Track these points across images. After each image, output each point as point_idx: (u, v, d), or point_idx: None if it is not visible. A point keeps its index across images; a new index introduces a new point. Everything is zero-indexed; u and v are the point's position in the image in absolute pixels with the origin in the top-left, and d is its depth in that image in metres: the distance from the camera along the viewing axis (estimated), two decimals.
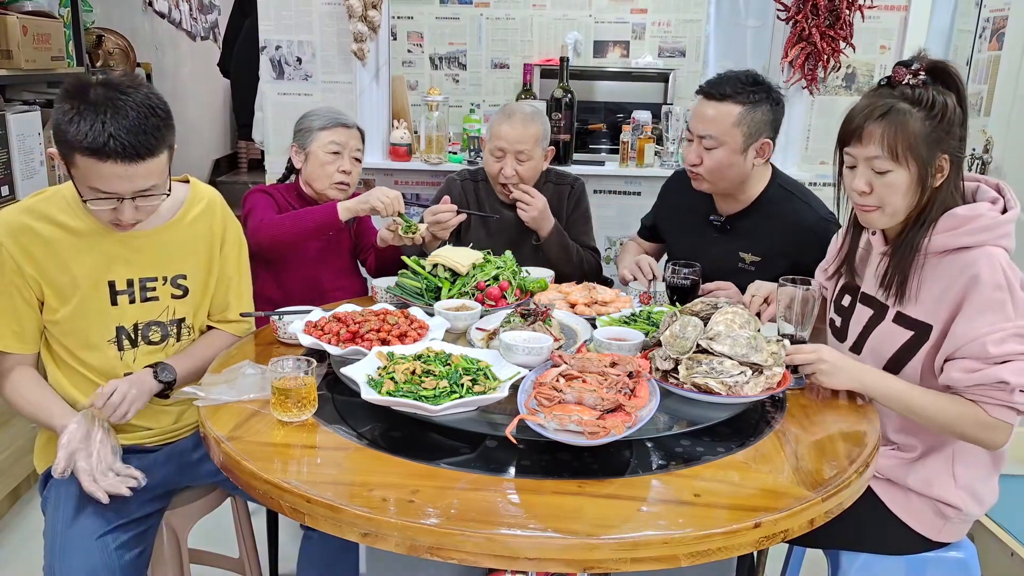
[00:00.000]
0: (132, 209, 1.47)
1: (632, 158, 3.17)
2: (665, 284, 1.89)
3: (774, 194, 2.04)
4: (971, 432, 1.42)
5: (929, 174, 1.44)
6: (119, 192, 1.43)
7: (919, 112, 1.42)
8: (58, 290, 1.55)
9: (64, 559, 1.44)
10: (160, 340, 1.66)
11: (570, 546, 1.04)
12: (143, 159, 1.41)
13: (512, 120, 2.31)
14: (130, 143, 1.38)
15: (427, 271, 1.94)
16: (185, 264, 1.67)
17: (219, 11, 6.25)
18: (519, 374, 1.40)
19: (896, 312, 1.52)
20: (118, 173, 1.40)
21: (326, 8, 3.03)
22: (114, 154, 1.38)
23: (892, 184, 1.45)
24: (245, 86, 4.12)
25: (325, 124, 2.20)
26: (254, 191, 2.24)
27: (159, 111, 1.44)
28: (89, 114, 1.37)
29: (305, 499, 1.12)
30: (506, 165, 2.32)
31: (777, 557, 1.88)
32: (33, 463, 1.72)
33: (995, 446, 1.44)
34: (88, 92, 1.39)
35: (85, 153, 1.38)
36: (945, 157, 1.44)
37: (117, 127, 1.37)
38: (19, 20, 2.77)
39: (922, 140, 1.42)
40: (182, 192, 1.68)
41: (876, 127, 1.43)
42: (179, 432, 1.73)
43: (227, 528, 1.86)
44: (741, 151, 1.94)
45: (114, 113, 1.38)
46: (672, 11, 4.51)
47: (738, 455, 1.27)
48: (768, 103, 1.94)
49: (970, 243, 1.42)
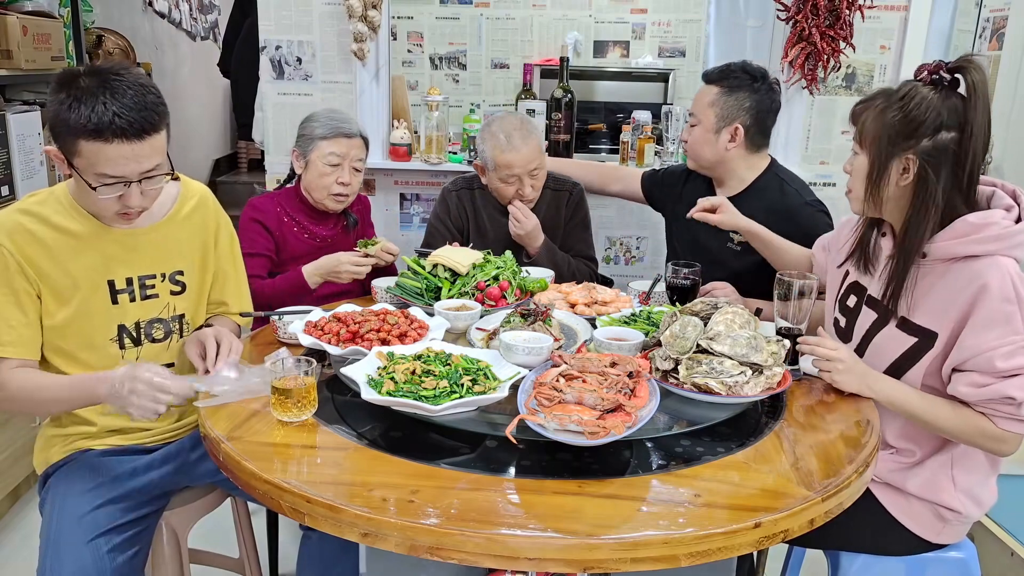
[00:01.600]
0: (139, 194, 1.47)
1: (632, 158, 3.17)
2: (665, 284, 1.89)
3: (767, 181, 2.15)
4: (979, 442, 1.44)
5: (882, 169, 1.45)
6: (126, 175, 1.43)
7: (897, 105, 1.43)
8: (57, 293, 1.54)
9: (56, 562, 1.44)
10: (164, 337, 1.66)
11: (570, 546, 1.04)
12: (148, 134, 1.42)
13: (513, 145, 2.24)
14: (135, 119, 1.39)
15: (427, 271, 1.94)
16: (182, 260, 1.67)
17: (219, 11, 6.25)
18: (519, 374, 1.40)
19: (900, 318, 1.50)
20: (124, 153, 1.41)
21: (326, 8, 3.03)
22: (120, 132, 1.38)
23: (856, 167, 1.51)
24: (245, 86, 4.12)
25: (326, 133, 2.15)
26: (248, 218, 2.17)
27: (153, 89, 1.45)
28: (88, 98, 1.37)
29: (305, 499, 1.12)
30: (523, 186, 2.29)
31: (777, 557, 1.88)
32: (33, 464, 1.72)
33: (1004, 455, 1.46)
34: (80, 81, 1.40)
35: (90, 137, 1.38)
36: (911, 159, 1.43)
37: (119, 105, 1.38)
38: (19, 20, 2.77)
39: (884, 133, 1.44)
40: (174, 189, 1.69)
41: (861, 108, 1.50)
42: (179, 432, 1.73)
43: (227, 528, 1.86)
44: (714, 131, 2.11)
45: (112, 93, 1.38)
46: (672, 11, 4.51)
47: (738, 455, 1.27)
48: (747, 91, 2.08)
49: (979, 252, 1.40)
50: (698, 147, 2.15)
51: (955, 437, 1.46)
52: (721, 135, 2.10)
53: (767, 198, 2.10)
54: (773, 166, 2.17)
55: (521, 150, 2.25)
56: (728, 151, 2.11)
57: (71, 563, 1.43)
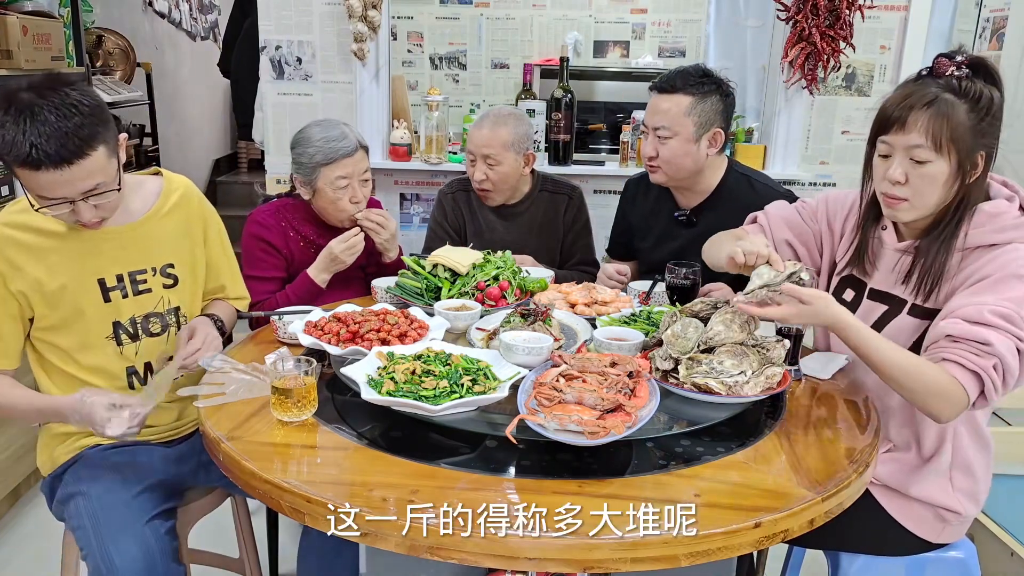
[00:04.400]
0: (89, 209, 1.45)
1: (632, 158, 3.17)
2: (665, 284, 1.89)
3: (732, 181, 2.11)
4: (923, 389, 1.34)
5: (967, 169, 1.40)
6: (66, 196, 1.41)
7: (964, 104, 1.38)
8: (48, 296, 1.54)
9: (119, 544, 1.43)
10: (161, 331, 1.67)
11: (570, 546, 1.04)
12: (75, 159, 1.37)
13: (483, 123, 2.29)
14: (54, 150, 1.34)
15: (427, 271, 1.93)
16: (171, 253, 1.68)
17: (219, 11, 6.25)
18: (519, 374, 1.40)
19: (912, 305, 1.49)
20: (54, 179, 1.38)
21: (326, 8, 3.03)
22: (42, 163, 1.35)
23: (929, 175, 1.40)
24: (245, 86, 4.12)
25: (327, 159, 2.01)
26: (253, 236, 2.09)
27: (82, 108, 1.38)
28: (11, 125, 1.34)
29: (305, 499, 1.12)
30: (476, 170, 2.31)
31: (777, 557, 1.88)
32: (36, 464, 1.72)
33: (940, 417, 1.37)
34: (13, 101, 1.36)
35: (17, 164, 1.37)
36: (982, 153, 1.41)
37: (37, 135, 1.33)
38: (19, 20, 2.77)
39: (966, 132, 1.38)
40: (156, 185, 1.69)
41: (920, 115, 1.38)
42: (180, 429, 1.74)
43: (227, 528, 1.86)
44: (694, 140, 2.01)
45: (32, 120, 1.33)
46: (672, 11, 4.51)
47: (738, 455, 1.27)
48: (718, 94, 2.02)
49: (997, 240, 1.40)
50: (678, 160, 2.03)
51: (902, 378, 1.36)
52: (701, 143, 2.02)
53: (739, 197, 2.05)
54: (734, 165, 2.14)
55: (484, 131, 2.28)
56: (708, 158, 2.05)
57: (136, 543, 1.43)
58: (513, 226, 2.44)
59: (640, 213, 2.28)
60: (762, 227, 1.79)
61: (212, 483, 1.74)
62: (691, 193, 2.13)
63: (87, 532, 1.47)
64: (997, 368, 1.31)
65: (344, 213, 2.08)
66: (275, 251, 2.09)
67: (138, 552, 1.43)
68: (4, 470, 2.51)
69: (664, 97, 2.02)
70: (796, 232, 1.75)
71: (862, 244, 1.61)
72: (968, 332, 1.32)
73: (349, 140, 2.04)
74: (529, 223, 2.44)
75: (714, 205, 2.09)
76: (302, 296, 2.04)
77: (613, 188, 3.21)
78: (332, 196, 2.05)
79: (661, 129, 2.02)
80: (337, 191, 2.04)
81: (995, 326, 1.32)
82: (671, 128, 2.01)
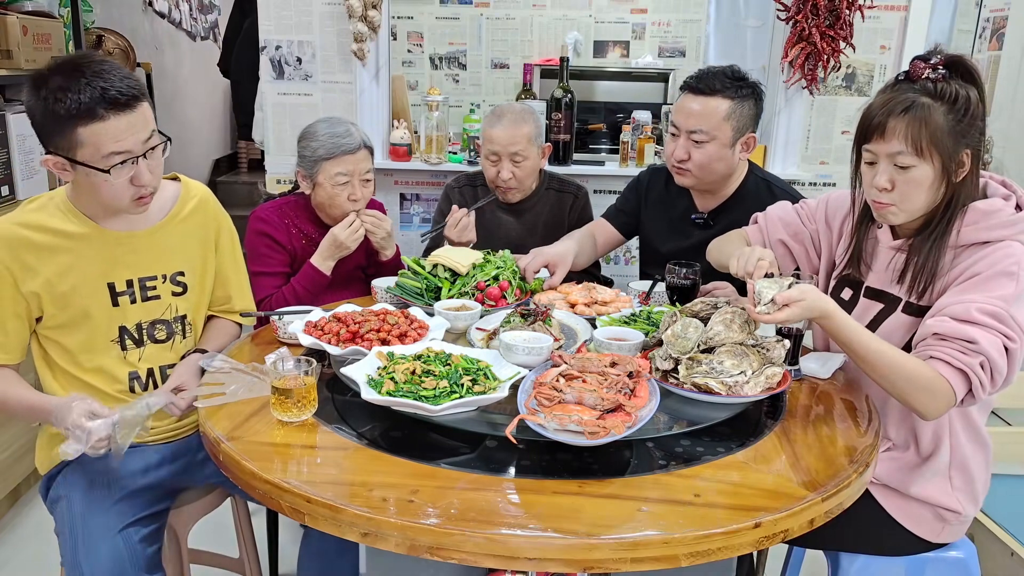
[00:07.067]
0: (148, 171, 1.49)
1: (632, 158, 3.17)
2: (665, 284, 1.89)
3: (752, 186, 2.08)
4: (906, 384, 1.35)
5: (952, 169, 1.41)
6: (131, 148, 1.44)
7: (942, 106, 1.39)
8: (58, 297, 1.54)
9: (89, 552, 1.44)
10: (167, 338, 1.67)
11: (570, 546, 1.04)
12: (137, 101, 1.44)
13: (503, 122, 2.29)
14: (122, 88, 1.41)
15: (427, 271, 1.94)
16: (183, 261, 1.68)
17: (219, 11, 6.25)
18: (519, 374, 1.40)
19: (906, 303, 1.50)
20: (121, 126, 1.42)
21: (326, 8, 3.03)
22: (112, 104, 1.40)
23: (915, 180, 1.41)
24: (245, 86, 4.12)
25: (328, 154, 2.03)
26: (258, 232, 2.10)
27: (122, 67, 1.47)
28: (72, 85, 1.39)
29: (305, 499, 1.12)
30: (503, 168, 2.31)
31: (777, 557, 1.88)
32: (34, 463, 1.72)
33: (925, 414, 1.37)
34: (50, 79, 1.41)
35: (85, 120, 1.39)
36: (967, 152, 1.41)
37: (104, 81, 1.40)
38: (19, 20, 2.77)
39: (946, 134, 1.38)
40: (174, 190, 1.69)
41: (899, 122, 1.39)
42: (181, 431, 1.73)
43: (227, 528, 1.86)
44: (730, 145, 1.97)
45: (93, 74, 1.40)
46: (672, 11, 4.51)
47: (738, 455, 1.27)
48: (753, 98, 1.99)
49: (990, 238, 1.41)
50: (712, 165, 1.97)
51: (884, 370, 1.37)
52: (736, 148, 1.99)
53: (759, 201, 2.02)
54: (754, 168, 2.12)
55: (508, 129, 2.27)
56: (739, 162, 2.03)
57: (106, 552, 1.44)
58: (519, 223, 2.45)
59: (654, 206, 2.24)
60: (760, 228, 1.81)
61: (208, 480, 1.73)
62: (712, 196, 2.10)
63: (65, 539, 1.48)
64: (984, 366, 1.32)
65: (340, 211, 2.09)
66: (279, 247, 2.11)
67: (108, 561, 1.43)
68: (4, 470, 2.51)
69: (700, 99, 1.95)
70: (791, 232, 1.76)
71: (857, 243, 1.62)
72: (955, 330, 1.33)
73: (353, 138, 2.06)
74: (535, 220, 2.45)
75: (732, 209, 2.06)
76: (308, 287, 2.05)
77: (613, 188, 3.22)
78: (331, 191, 2.06)
79: (697, 132, 1.95)
80: (336, 187, 2.06)
81: (983, 324, 1.33)
82: (709, 132, 1.94)
